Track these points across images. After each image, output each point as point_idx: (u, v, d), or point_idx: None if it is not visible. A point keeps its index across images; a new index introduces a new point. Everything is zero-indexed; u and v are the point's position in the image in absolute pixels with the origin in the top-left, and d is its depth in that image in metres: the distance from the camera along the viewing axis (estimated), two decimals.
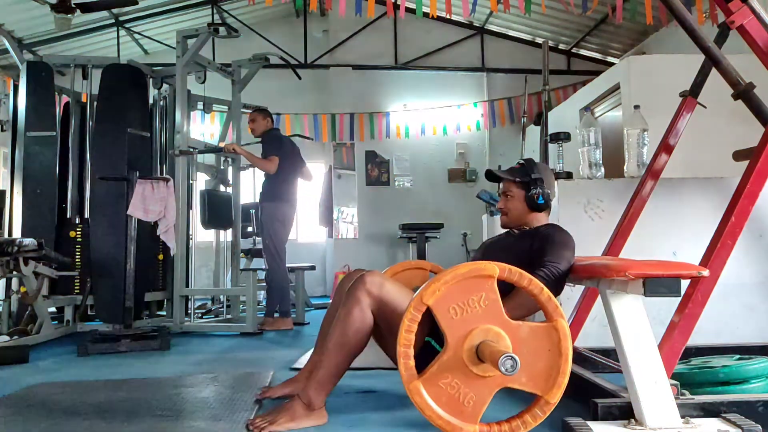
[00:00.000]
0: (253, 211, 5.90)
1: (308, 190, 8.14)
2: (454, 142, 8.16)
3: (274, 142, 4.33)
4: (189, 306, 4.30)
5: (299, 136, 6.36)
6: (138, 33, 7.68)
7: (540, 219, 2.11)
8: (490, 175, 2.20)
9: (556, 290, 1.84)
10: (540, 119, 5.90)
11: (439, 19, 7.66)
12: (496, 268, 1.53)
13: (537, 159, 2.73)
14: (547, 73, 5.21)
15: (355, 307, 1.72)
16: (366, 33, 8.01)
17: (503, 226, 2.20)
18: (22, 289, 3.78)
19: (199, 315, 4.97)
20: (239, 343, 3.65)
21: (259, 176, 4.45)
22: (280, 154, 4.24)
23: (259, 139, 4.43)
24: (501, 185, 2.19)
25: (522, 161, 2.16)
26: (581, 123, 3.06)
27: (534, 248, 1.95)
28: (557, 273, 1.84)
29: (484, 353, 1.46)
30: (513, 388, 1.53)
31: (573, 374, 1.99)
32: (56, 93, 4.45)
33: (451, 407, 1.51)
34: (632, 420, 1.58)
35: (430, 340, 1.74)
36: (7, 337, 3.54)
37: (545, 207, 2.09)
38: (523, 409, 1.55)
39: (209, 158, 5.15)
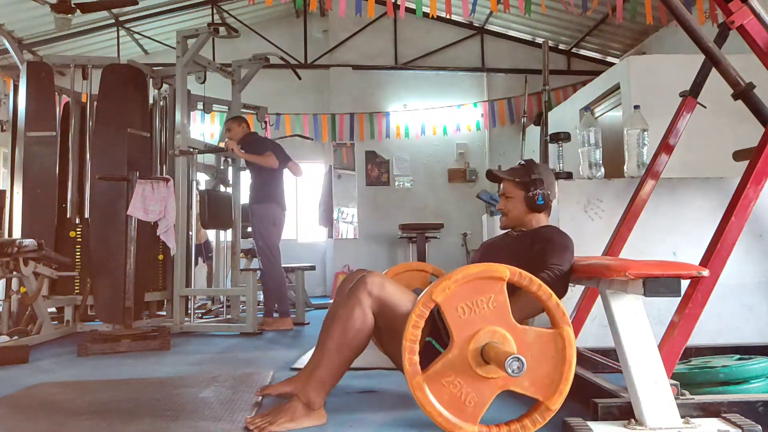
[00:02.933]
0: None
1: (308, 191, 8.17)
2: (454, 142, 8.16)
3: (257, 141, 4.34)
4: (189, 306, 4.30)
5: (299, 136, 6.36)
6: (138, 33, 7.68)
7: (540, 220, 2.12)
8: (491, 175, 2.21)
9: (561, 292, 1.84)
10: (540, 119, 5.92)
11: (439, 19, 7.67)
12: (507, 271, 1.54)
13: (537, 159, 2.73)
14: (547, 73, 5.23)
15: (356, 307, 1.72)
16: (366, 33, 8.01)
17: (503, 227, 2.20)
18: (22, 290, 3.78)
19: (199, 315, 4.97)
20: (239, 343, 3.65)
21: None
22: (269, 151, 4.23)
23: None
24: (501, 186, 2.19)
25: (522, 162, 2.17)
26: (581, 123, 3.06)
27: (534, 249, 1.96)
28: (561, 275, 1.85)
29: (489, 354, 1.46)
30: (514, 392, 1.53)
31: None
32: (56, 93, 4.45)
33: (452, 406, 1.51)
34: (632, 420, 1.58)
35: (431, 341, 1.75)
36: (7, 337, 3.54)
37: (544, 208, 2.09)
38: (523, 413, 1.55)
39: (209, 158, 5.15)
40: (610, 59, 8.27)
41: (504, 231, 2.23)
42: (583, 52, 8.43)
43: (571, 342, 1.52)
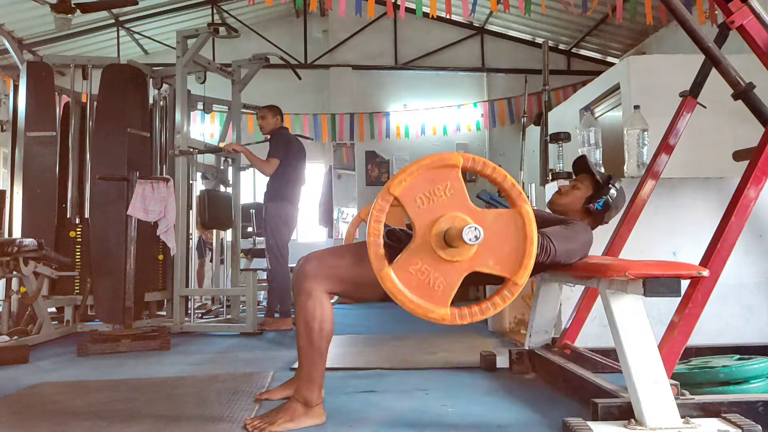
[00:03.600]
0: (253, 211, 5.91)
1: (308, 191, 8.17)
2: (454, 142, 8.16)
3: (282, 141, 4.29)
4: (189, 306, 4.30)
5: (299, 136, 6.34)
6: (138, 33, 7.68)
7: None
8: (582, 162, 2.16)
9: (537, 268, 1.75)
10: (540, 119, 5.91)
11: (439, 19, 7.67)
12: (459, 158, 1.56)
13: (537, 159, 2.73)
14: (547, 73, 5.23)
15: (308, 300, 1.74)
16: (366, 33, 8.01)
17: (548, 204, 2.16)
18: (22, 289, 3.78)
19: (199, 315, 4.97)
20: (239, 343, 3.65)
21: (260, 176, 4.44)
22: (286, 155, 4.21)
23: (264, 138, 4.42)
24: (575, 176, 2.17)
25: (610, 175, 2.12)
26: (581, 123, 3.07)
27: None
28: (547, 249, 1.76)
29: (451, 235, 1.49)
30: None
31: (573, 374, 2.00)
32: (56, 93, 4.45)
33: (422, 291, 1.53)
34: (632, 420, 1.58)
35: None
36: (7, 337, 3.54)
37: (595, 214, 2.03)
38: (493, 293, 1.57)
39: (209, 158, 5.15)
40: (610, 59, 8.28)
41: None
42: (583, 52, 8.44)
43: (530, 219, 1.54)
